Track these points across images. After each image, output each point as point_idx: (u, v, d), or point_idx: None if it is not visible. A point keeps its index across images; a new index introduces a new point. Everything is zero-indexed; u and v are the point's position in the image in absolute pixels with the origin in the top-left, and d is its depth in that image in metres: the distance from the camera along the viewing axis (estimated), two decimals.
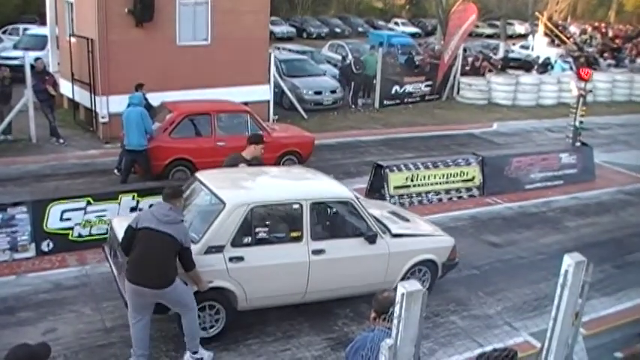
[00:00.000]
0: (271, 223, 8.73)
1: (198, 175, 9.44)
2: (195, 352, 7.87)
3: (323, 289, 8.90)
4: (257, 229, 8.46)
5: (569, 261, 5.63)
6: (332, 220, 9.39)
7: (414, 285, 4.55)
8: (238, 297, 8.32)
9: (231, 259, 8.17)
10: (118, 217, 9.86)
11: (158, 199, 11.15)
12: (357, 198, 9.60)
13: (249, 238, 8.38)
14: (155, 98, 16.00)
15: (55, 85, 17.97)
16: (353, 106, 24.46)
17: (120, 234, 8.13)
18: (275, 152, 14.76)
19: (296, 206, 8.71)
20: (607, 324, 9.59)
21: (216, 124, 14.71)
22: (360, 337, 5.38)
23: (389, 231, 9.52)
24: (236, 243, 8.24)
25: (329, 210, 9.41)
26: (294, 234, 8.68)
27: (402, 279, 9.27)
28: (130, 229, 7.57)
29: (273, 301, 8.79)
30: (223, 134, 14.69)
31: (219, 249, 8.13)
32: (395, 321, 4.64)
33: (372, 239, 9.02)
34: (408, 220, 10.59)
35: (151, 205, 9.26)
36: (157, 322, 8.29)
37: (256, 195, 8.90)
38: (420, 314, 4.61)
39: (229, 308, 8.40)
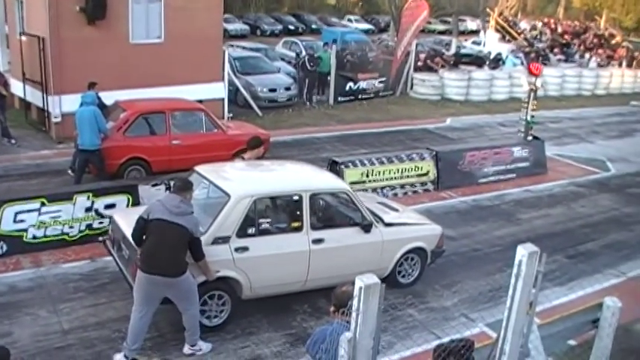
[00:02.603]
0: (273, 214, 9.15)
1: (199, 169, 9.63)
2: (193, 345, 8.07)
3: (322, 276, 9.15)
4: (260, 220, 8.81)
5: (522, 252, 5.75)
6: (330, 211, 9.84)
7: (371, 278, 4.63)
8: (243, 286, 8.65)
9: (236, 250, 8.50)
10: (119, 212, 10.25)
11: (113, 198, 11.31)
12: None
13: (253, 229, 8.70)
14: (109, 97, 15.85)
15: (6, 84, 17.67)
16: (308, 103, 24.53)
17: (125, 227, 8.51)
18: (230, 150, 14.65)
19: (296, 197, 9.09)
20: (560, 313, 9.75)
21: (171, 122, 14.71)
22: (319, 330, 5.46)
23: (382, 220, 9.94)
24: (241, 234, 8.56)
25: (327, 201, 9.89)
26: (294, 224, 9.07)
27: (395, 266, 10.05)
28: (141, 220, 7.71)
29: (275, 290, 9.11)
30: (178, 132, 14.72)
31: (225, 240, 8.43)
32: (354, 314, 4.71)
33: (367, 228, 9.48)
34: (397, 210, 11.03)
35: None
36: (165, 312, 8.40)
37: (259, 187, 9.19)
38: (378, 307, 4.68)
39: (234, 297, 8.68)
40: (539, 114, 22.45)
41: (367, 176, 14.33)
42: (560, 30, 44.39)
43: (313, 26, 53.14)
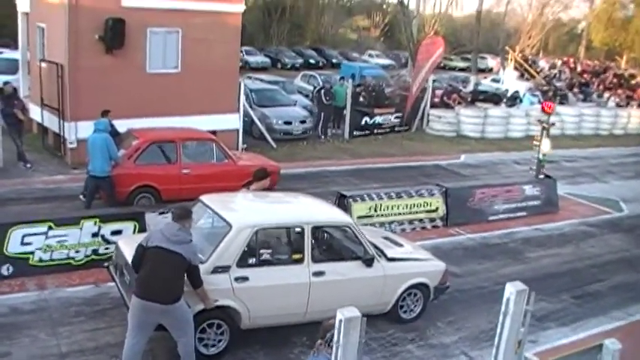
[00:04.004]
0: (274, 246, 9.27)
1: (203, 198, 9.76)
2: None
3: (322, 309, 8.89)
4: (261, 251, 8.93)
5: (510, 289, 5.77)
6: (332, 244, 10.01)
7: (352, 312, 4.66)
8: (242, 316, 8.70)
9: (236, 279, 8.58)
10: (124, 238, 10.36)
11: (120, 225, 11.41)
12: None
13: (254, 259, 8.82)
14: (125, 125, 16.02)
15: (24, 109, 17.93)
16: (323, 137, 24.64)
17: (127, 254, 8.54)
18: (240, 181, 14.57)
19: (298, 229, 9.25)
20: (561, 353, 9.70)
21: (182, 151, 14.83)
22: None
23: (384, 255, 10.00)
24: (241, 264, 8.67)
25: (329, 234, 10.07)
26: (296, 256, 9.19)
27: (397, 301, 10.07)
28: (140, 248, 7.81)
29: (275, 320, 9.17)
30: (188, 162, 14.84)
31: (225, 269, 8.53)
32: (334, 347, 4.74)
33: (369, 262, 9.54)
34: (401, 246, 11.07)
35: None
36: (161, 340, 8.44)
37: (261, 218, 9.28)
38: (358, 340, 4.70)
39: (233, 327, 8.73)
40: (555, 153, 22.45)
41: (375, 210, 14.33)
42: (579, 69, 44.43)
43: (334, 60, 53.52)
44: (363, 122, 25.65)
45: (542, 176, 17.63)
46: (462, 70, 55.36)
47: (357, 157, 22.27)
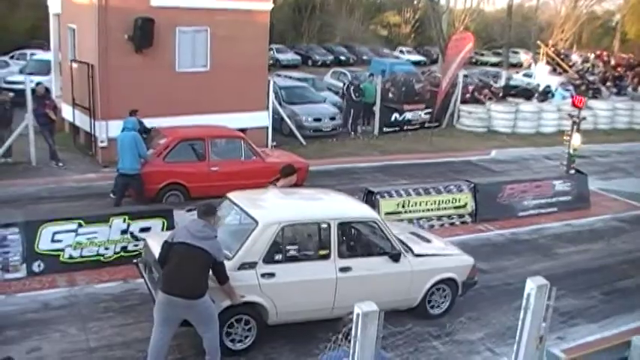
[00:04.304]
0: (301, 242, 9.35)
1: (230, 195, 9.94)
2: None
3: (349, 304, 8.91)
4: (287, 247, 9.04)
5: (531, 285, 5.75)
6: (358, 239, 10.02)
7: (370, 306, 4.68)
8: (269, 311, 8.79)
9: (263, 275, 8.66)
10: (152, 235, 10.48)
11: (149, 222, 11.53)
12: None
13: (280, 256, 8.91)
14: (154, 124, 16.23)
15: (56, 109, 18.25)
16: (352, 133, 24.67)
17: (155, 250, 8.65)
18: (269, 177, 14.62)
19: (324, 225, 9.29)
20: (587, 350, 9.63)
21: (210, 149, 14.99)
22: (325, 357, 5.52)
23: (411, 250, 10.03)
24: (268, 260, 8.75)
25: (355, 229, 10.05)
26: (322, 252, 9.24)
27: (425, 296, 10.13)
28: (165, 244, 7.91)
29: (301, 316, 9.23)
30: (217, 159, 15.00)
31: (251, 265, 8.62)
32: (352, 341, 4.76)
33: (395, 258, 9.59)
34: (429, 241, 11.07)
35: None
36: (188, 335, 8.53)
37: (287, 214, 9.38)
38: (376, 335, 4.73)
39: (260, 323, 8.84)
40: (587, 147, 22.25)
41: (403, 207, 14.32)
42: (613, 62, 43.88)
43: (364, 57, 53.35)
44: (392, 118, 25.62)
45: (572, 171, 17.45)
46: (494, 65, 54.94)
47: (386, 153, 22.24)
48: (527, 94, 31.18)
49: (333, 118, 24.21)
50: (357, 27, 63.70)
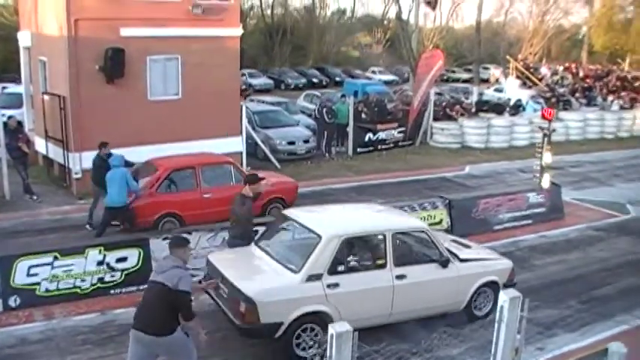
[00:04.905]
0: (360, 253, 10.09)
1: (288, 213, 10.87)
2: None
3: (405, 310, 10.06)
4: (348, 258, 9.77)
5: (504, 297, 5.80)
6: (410, 248, 10.74)
7: (343, 326, 4.71)
8: (334, 320, 9.05)
9: (328, 286, 9.34)
10: (214, 254, 10.99)
11: (124, 252, 11.52)
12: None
13: (343, 267, 9.60)
14: (129, 153, 16.17)
15: (29, 142, 18.13)
16: (327, 155, 24.74)
17: (222, 267, 9.71)
18: (260, 200, 14.95)
19: (380, 237, 10.05)
20: (566, 359, 9.71)
21: (201, 176, 15.11)
22: None
23: (457, 256, 10.77)
24: (332, 271, 9.43)
25: (407, 239, 10.80)
26: (379, 261, 9.98)
27: (470, 299, 10.87)
28: None
29: (363, 323, 9.23)
30: (209, 186, 15.15)
31: (318, 277, 9.30)
32: None
33: (444, 264, 10.36)
34: (469, 247, 11.89)
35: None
36: None
37: (347, 228, 10.07)
38: (351, 355, 4.74)
39: (326, 331, 8.75)
40: (560, 159, 22.55)
41: None
42: (581, 74, 44.40)
43: (337, 79, 53.59)
44: (366, 139, 25.78)
45: (547, 184, 17.61)
46: (465, 81, 55.33)
47: (361, 173, 22.33)
48: (498, 108, 31.46)
49: (306, 141, 24.27)
50: (328, 49, 64.08)
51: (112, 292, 11.39)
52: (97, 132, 16.81)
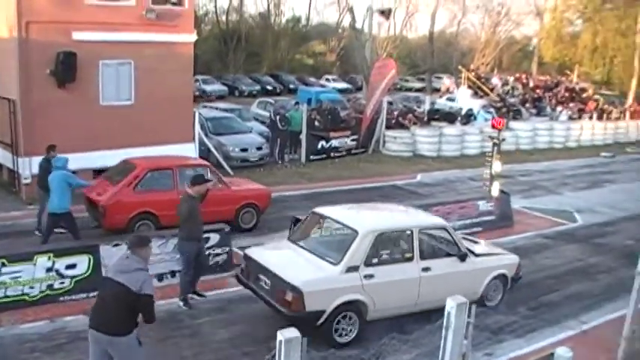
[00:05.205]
0: (390, 247, 10.89)
1: (322, 211, 11.62)
2: None
3: (428, 300, 10.78)
4: (381, 252, 10.59)
5: (451, 303, 5.90)
6: (433, 243, 11.56)
7: (292, 332, 4.74)
8: (369, 308, 10.31)
9: (365, 277, 10.16)
10: (250, 249, 11.57)
11: (74, 259, 11.38)
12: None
13: (376, 259, 10.45)
14: (80, 159, 16.06)
15: None
16: (280, 162, 24.77)
17: (262, 260, 10.59)
18: (235, 205, 15.86)
19: (408, 232, 10.94)
20: None
21: (179, 177, 15.12)
22: None
23: (472, 252, 11.71)
24: (367, 263, 10.27)
25: (431, 235, 11.64)
26: (407, 255, 10.84)
27: (484, 291, 11.83)
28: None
29: (393, 312, 10.75)
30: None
31: (355, 269, 10.12)
32: None
33: (463, 258, 11.31)
34: (479, 243, 12.97)
35: None
36: None
37: (380, 224, 10.98)
38: None
39: (361, 318, 10.32)
40: (510, 167, 22.94)
41: None
42: (532, 84, 45.24)
43: (291, 86, 53.60)
44: (319, 146, 25.92)
45: (496, 192, 17.88)
46: (418, 90, 55.86)
47: (314, 181, 22.40)
48: (450, 117, 31.86)
49: (259, 148, 24.28)
50: (283, 56, 64.10)
51: (61, 299, 11.23)
52: (48, 137, 16.47)
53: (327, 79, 59.26)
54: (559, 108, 38.26)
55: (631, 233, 17.53)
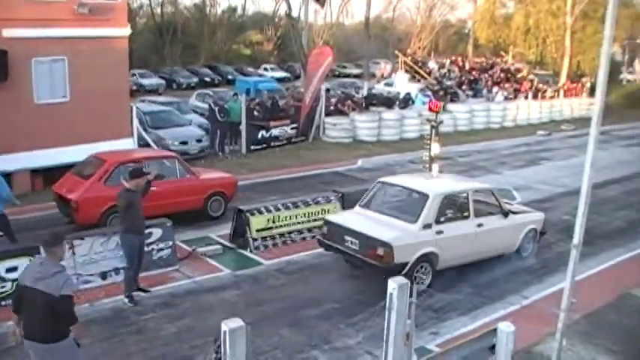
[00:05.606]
0: (452, 207, 12.77)
1: (389, 180, 13.75)
2: None
3: (482, 251, 12.88)
4: (446, 211, 12.44)
5: (393, 285, 6.01)
6: (483, 203, 13.28)
7: (235, 322, 4.78)
8: (440, 259, 12.15)
9: (436, 232, 12.03)
10: (330, 215, 14.00)
11: (15, 261, 11.18)
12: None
13: (443, 218, 12.29)
14: (17, 159, 15.81)
15: None
16: (220, 154, 24.68)
17: (344, 222, 12.44)
18: (203, 193, 16.25)
19: (464, 194, 12.92)
20: (459, 341, 10.02)
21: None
22: None
23: (510, 210, 13.46)
24: (437, 221, 12.11)
25: (480, 196, 13.38)
26: (465, 214, 12.72)
27: (520, 243, 13.73)
28: (17, 287, 7.60)
29: (455, 262, 12.58)
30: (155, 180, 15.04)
31: (429, 226, 11.98)
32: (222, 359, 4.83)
33: (506, 215, 13.16)
34: (512, 204, 15.07)
35: None
36: None
37: (444, 188, 13.08)
38: (245, 351, 4.81)
39: (433, 268, 12.11)
40: (449, 149, 23.24)
41: (274, 222, 14.49)
42: (467, 67, 45.84)
43: (229, 77, 53.34)
44: (259, 136, 25.89)
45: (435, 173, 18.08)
46: (356, 76, 56.14)
47: (255, 171, 22.37)
48: (388, 102, 32.12)
49: (199, 140, 24.14)
50: (220, 47, 63.66)
51: (2, 303, 11.04)
52: None
53: (266, 69, 59.12)
54: (495, 89, 38.91)
55: (568, 208, 17.90)
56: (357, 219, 12.58)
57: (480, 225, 12.65)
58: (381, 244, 11.41)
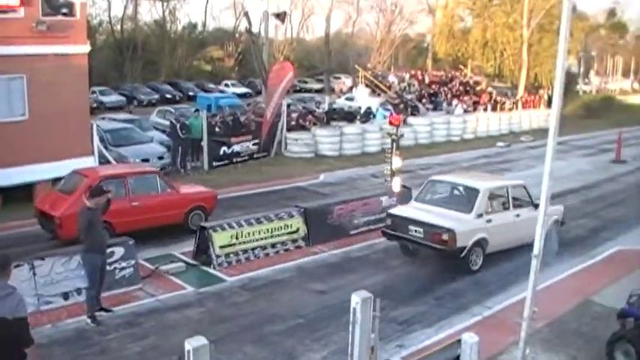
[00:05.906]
0: (497, 199, 15.10)
1: (441, 177, 16.25)
2: None
3: (519, 238, 14.25)
4: (492, 203, 14.81)
5: (356, 299, 6.03)
6: (518, 196, 15.20)
7: (199, 340, 4.78)
8: (489, 244, 14.20)
9: (487, 221, 14.14)
10: (394, 208, 15.64)
11: None
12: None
13: (490, 209, 14.57)
14: None
15: None
16: (182, 170, 24.54)
17: (411, 216, 14.34)
18: (184, 208, 16.55)
19: (504, 189, 15.10)
20: (423, 354, 10.08)
21: (130, 185, 15.46)
22: None
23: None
24: (487, 211, 14.33)
25: (516, 190, 15.27)
26: (506, 205, 14.95)
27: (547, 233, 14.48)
28: None
29: (499, 247, 14.46)
30: (137, 195, 15.57)
31: (481, 215, 14.11)
32: None
33: (536, 207, 13.49)
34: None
35: None
36: None
37: (491, 183, 15.42)
38: None
39: (483, 253, 14.16)
40: (411, 162, 23.39)
41: (237, 238, 14.44)
42: (427, 80, 46.31)
43: (190, 93, 53.05)
44: (221, 152, 25.85)
45: (397, 187, 18.20)
46: (318, 91, 56.28)
47: (217, 187, 21.99)
48: (349, 116, 32.30)
49: (161, 157, 24.01)
50: (180, 64, 63.35)
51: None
52: None
53: (227, 85, 58.90)
54: (454, 102, 39.37)
55: None
56: (418, 212, 14.51)
57: (517, 215, 14.68)
58: (445, 230, 13.44)
